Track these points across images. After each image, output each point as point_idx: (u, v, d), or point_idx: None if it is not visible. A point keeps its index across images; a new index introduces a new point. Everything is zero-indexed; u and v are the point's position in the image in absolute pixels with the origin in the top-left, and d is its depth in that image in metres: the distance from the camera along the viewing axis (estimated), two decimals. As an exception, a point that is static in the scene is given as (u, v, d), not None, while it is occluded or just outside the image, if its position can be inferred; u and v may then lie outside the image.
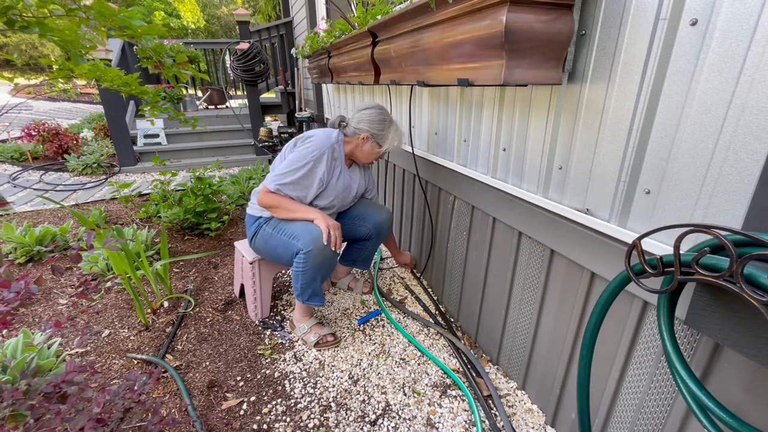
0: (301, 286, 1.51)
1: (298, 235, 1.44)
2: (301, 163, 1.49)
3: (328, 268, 1.51)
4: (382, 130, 1.58)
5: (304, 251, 1.42)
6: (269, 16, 10.05)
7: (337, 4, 2.94)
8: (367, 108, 1.61)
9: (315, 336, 1.59)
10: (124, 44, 4.59)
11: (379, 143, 1.60)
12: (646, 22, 0.78)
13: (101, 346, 1.58)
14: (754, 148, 0.64)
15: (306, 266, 1.45)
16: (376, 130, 1.58)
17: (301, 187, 1.51)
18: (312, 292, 1.54)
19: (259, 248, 1.61)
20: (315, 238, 1.42)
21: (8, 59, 1.39)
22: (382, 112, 1.61)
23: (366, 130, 1.57)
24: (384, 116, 1.60)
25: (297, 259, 1.46)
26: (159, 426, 0.95)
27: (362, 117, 1.59)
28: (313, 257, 1.43)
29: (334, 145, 1.56)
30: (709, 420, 0.65)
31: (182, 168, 4.39)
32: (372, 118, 1.58)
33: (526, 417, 1.27)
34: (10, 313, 0.89)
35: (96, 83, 1.70)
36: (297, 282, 1.51)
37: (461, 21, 1.00)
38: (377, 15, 1.68)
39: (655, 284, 0.71)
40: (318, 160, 1.51)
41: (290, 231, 1.48)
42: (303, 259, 1.44)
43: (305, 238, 1.43)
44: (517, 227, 1.23)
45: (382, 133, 1.59)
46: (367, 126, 1.57)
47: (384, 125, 1.59)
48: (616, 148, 0.88)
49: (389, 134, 1.60)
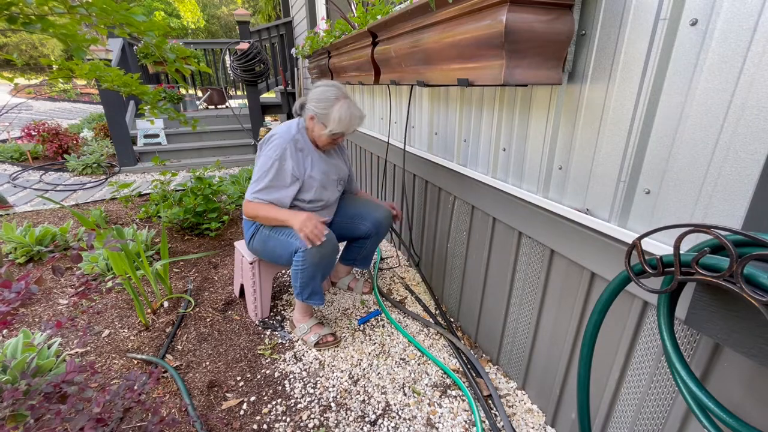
0: (301, 284, 1.51)
1: (295, 234, 1.44)
2: (267, 166, 1.44)
3: (326, 265, 1.50)
4: (326, 109, 1.43)
5: (303, 249, 1.42)
6: (269, 16, 10.05)
7: (337, 4, 2.94)
8: (318, 86, 1.47)
9: (315, 336, 1.59)
10: (124, 44, 4.59)
11: (323, 123, 1.46)
12: (646, 22, 0.78)
13: (101, 346, 1.58)
14: (754, 148, 0.64)
15: (305, 264, 1.45)
16: (319, 109, 1.44)
17: (276, 188, 1.46)
18: (311, 290, 1.53)
19: (257, 250, 1.60)
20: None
21: (8, 59, 1.39)
22: (328, 89, 1.45)
23: (311, 109, 1.45)
24: (329, 93, 1.44)
25: (296, 258, 1.46)
26: (159, 426, 0.95)
27: (311, 95, 1.46)
28: (311, 255, 1.42)
29: (295, 137, 1.48)
30: (709, 420, 0.65)
31: (182, 168, 4.39)
32: (317, 95, 1.44)
33: (526, 417, 1.27)
34: (10, 313, 0.89)
35: (96, 83, 1.70)
36: (296, 281, 1.51)
37: (461, 21, 1.00)
38: (377, 15, 1.68)
39: (655, 284, 0.71)
40: (282, 159, 1.45)
41: (288, 230, 1.47)
42: (302, 258, 1.44)
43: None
44: (517, 227, 1.23)
45: (325, 113, 1.43)
46: (312, 105, 1.45)
47: (328, 103, 1.43)
48: (616, 148, 0.88)
49: (333, 114, 1.43)
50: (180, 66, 1.24)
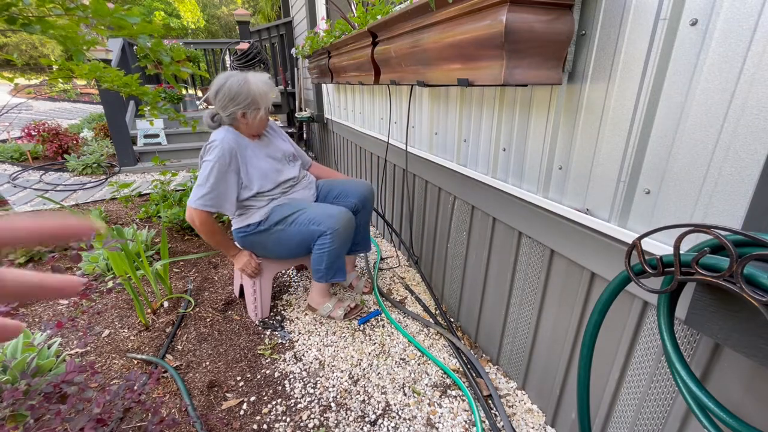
0: (326, 266, 1.57)
1: (317, 219, 1.50)
2: (207, 170, 1.43)
3: (348, 239, 1.58)
4: (248, 97, 1.46)
5: (330, 232, 1.49)
6: (269, 17, 10.05)
7: (337, 4, 2.94)
8: (219, 89, 1.46)
9: (342, 310, 1.70)
10: (124, 44, 4.59)
11: (256, 108, 1.50)
12: (646, 22, 0.78)
13: (101, 346, 1.58)
14: (754, 148, 0.64)
15: (332, 245, 1.52)
16: (243, 101, 1.46)
17: (219, 194, 1.45)
18: (337, 268, 1.61)
19: (267, 248, 1.62)
20: (336, 217, 1.50)
21: (8, 59, 1.39)
22: (232, 79, 1.46)
23: (235, 110, 1.47)
24: (235, 84, 1.45)
25: (321, 241, 1.51)
26: (159, 426, 0.95)
27: (223, 101, 1.46)
28: (339, 235, 1.51)
29: (232, 138, 1.48)
30: (709, 420, 0.65)
31: (182, 168, 4.39)
32: (231, 93, 1.45)
33: (526, 417, 1.27)
34: (9, 313, 0.89)
35: (96, 83, 1.70)
36: (321, 263, 1.56)
37: (461, 21, 1.00)
38: (377, 15, 1.68)
39: (655, 284, 0.71)
40: (222, 162, 1.44)
41: (305, 219, 1.52)
42: (330, 240, 1.50)
43: (327, 221, 1.50)
44: (517, 227, 1.23)
45: (250, 100, 1.47)
46: (233, 106, 1.47)
47: (244, 90, 1.46)
48: (616, 147, 0.88)
49: (255, 94, 1.47)
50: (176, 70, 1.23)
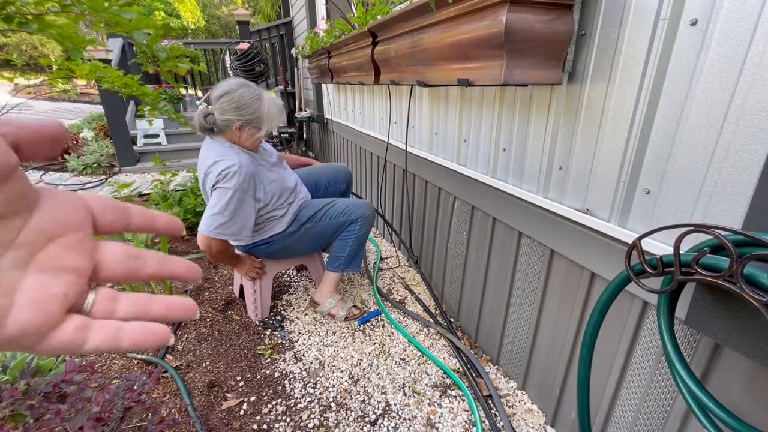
0: (349, 253, 1.62)
1: (348, 210, 1.58)
2: (226, 198, 1.34)
3: (371, 229, 1.69)
4: (254, 113, 1.36)
5: (361, 219, 1.58)
6: (269, 17, 10.04)
7: (337, 4, 2.94)
8: (227, 93, 1.35)
9: (344, 311, 1.71)
10: (124, 44, 4.59)
11: (257, 127, 1.39)
12: (646, 22, 0.78)
13: (101, 346, 1.58)
14: (754, 148, 0.64)
15: (361, 231, 1.60)
16: (247, 116, 1.35)
17: (239, 222, 1.38)
18: (357, 257, 1.66)
19: (296, 248, 1.65)
20: (365, 207, 1.61)
21: (8, 59, 1.39)
22: (245, 90, 1.36)
23: (235, 120, 1.35)
24: (247, 95, 1.35)
25: (351, 228, 1.59)
26: (159, 426, 0.95)
27: (225, 105, 1.35)
28: (369, 222, 1.61)
29: (243, 161, 1.36)
30: (709, 420, 0.65)
31: (182, 168, 4.39)
32: (238, 102, 1.34)
33: (526, 417, 1.27)
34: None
35: (96, 84, 1.70)
36: (343, 251, 1.62)
37: (461, 21, 1.00)
38: (377, 15, 1.68)
39: (655, 284, 0.71)
40: (243, 190, 1.36)
41: (334, 212, 1.59)
42: (359, 226, 1.59)
43: (357, 210, 1.59)
44: (517, 227, 1.23)
45: (255, 116, 1.36)
46: (235, 115, 1.35)
47: (254, 106, 1.36)
48: (616, 148, 0.88)
49: (264, 114, 1.37)
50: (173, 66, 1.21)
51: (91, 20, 0.89)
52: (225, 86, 1.37)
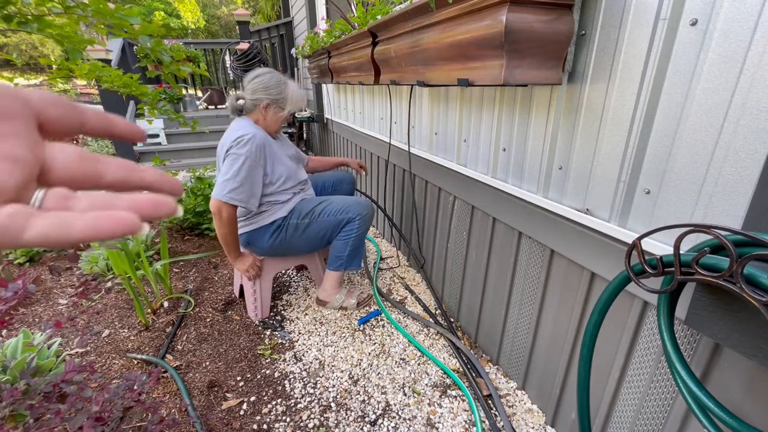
0: (350, 252, 1.64)
1: (345, 208, 1.59)
2: (238, 164, 1.44)
3: (369, 226, 1.69)
4: (280, 93, 1.55)
5: (359, 217, 1.58)
6: (269, 17, 10.04)
7: (337, 4, 2.94)
8: (257, 76, 1.55)
9: (354, 299, 1.78)
10: (124, 44, 4.59)
11: (281, 107, 1.57)
12: (646, 22, 0.78)
13: (101, 346, 1.58)
14: (754, 148, 0.64)
15: (360, 230, 1.61)
16: (274, 95, 1.54)
17: (250, 188, 1.47)
18: (358, 255, 1.69)
19: (294, 245, 1.65)
20: (363, 204, 1.62)
21: (8, 59, 1.39)
22: (270, 75, 1.56)
23: (264, 98, 1.53)
24: (274, 79, 1.55)
25: (349, 227, 1.59)
26: (159, 426, 0.95)
27: (256, 86, 1.53)
28: (367, 220, 1.62)
29: (257, 132, 1.49)
30: (709, 420, 0.65)
31: (182, 168, 4.39)
32: (264, 84, 1.53)
33: (526, 417, 1.27)
34: (8, 313, 0.89)
35: (96, 83, 1.70)
36: (344, 250, 1.63)
37: (461, 21, 1.00)
38: (377, 15, 1.68)
39: (655, 284, 0.71)
40: (255, 158, 1.46)
41: (332, 209, 1.60)
42: (357, 225, 1.60)
43: (355, 208, 1.60)
44: (517, 227, 1.23)
45: (281, 96, 1.55)
46: (263, 94, 1.53)
47: (280, 87, 1.55)
48: (616, 148, 0.88)
49: (288, 94, 1.56)
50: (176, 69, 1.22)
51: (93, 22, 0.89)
52: (256, 72, 1.56)
